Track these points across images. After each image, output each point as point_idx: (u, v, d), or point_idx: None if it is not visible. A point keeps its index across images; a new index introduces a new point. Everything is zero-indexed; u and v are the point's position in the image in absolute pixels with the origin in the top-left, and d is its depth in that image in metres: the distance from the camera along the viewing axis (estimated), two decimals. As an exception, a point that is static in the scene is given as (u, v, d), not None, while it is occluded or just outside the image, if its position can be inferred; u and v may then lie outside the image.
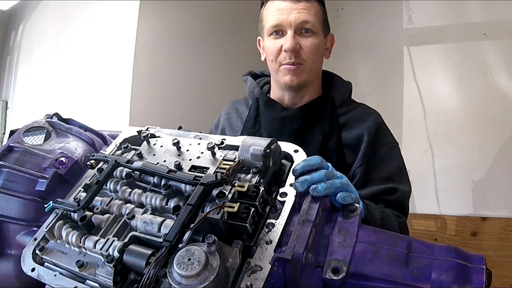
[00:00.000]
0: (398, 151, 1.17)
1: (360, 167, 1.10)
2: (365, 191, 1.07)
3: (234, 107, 1.35)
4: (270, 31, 1.15)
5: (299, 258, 0.59)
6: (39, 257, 0.72)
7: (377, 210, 0.94)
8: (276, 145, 0.74)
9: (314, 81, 1.21)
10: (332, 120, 1.16)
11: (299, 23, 1.10)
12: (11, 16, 2.54)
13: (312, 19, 1.12)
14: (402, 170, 1.14)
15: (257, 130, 1.22)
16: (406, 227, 1.07)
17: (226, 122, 1.33)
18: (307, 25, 1.11)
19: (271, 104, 1.23)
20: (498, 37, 2.33)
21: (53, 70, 2.27)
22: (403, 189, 1.09)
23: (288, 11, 1.11)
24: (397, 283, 0.60)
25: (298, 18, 1.10)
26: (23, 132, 0.89)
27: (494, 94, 2.32)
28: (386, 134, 1.18)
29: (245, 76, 1.36)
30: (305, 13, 1.11)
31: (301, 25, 1.11)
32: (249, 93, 1.33)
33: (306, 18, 1.11)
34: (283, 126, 1.18)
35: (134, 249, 0.62)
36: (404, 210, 1.08)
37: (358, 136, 1.13)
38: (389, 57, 2.67)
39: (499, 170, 2.25)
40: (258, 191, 0.65)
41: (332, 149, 1.13)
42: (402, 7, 2.61)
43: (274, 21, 1.13)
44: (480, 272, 0.58)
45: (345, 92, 1.25)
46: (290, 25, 1.10)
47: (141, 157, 0.78)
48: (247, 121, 1.27)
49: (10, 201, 0.80)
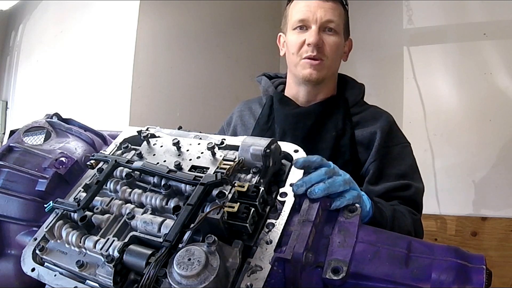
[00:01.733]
0: (410, 150, 1.19)
1: (374, 162, 1.11)
2: (379, 187, 1.07)
3: (248, 106, 1.36)
4: (295, 25, 1.18)
5: (299, 258, 0.59)
6: (39, 257, 0.72)
7: (388, 208, 0.94)
8: (276, 145, 0.74)
9: (330, 79, 1.23)
10: (345, 118, 1.18)
11: (325, 21, 1.14)
12: (11, 16, 2.54)
13: (337, 19, 1.16)
14: (415, 168, 1.15)
15: (270, 127, 1.24)
16: (421, 225, 1.07)
17: (239, 119, 1.34)
18: (331, 24, 1.15)
19: (286, 101, 1.25)
20: (498, 37, 2.33)
21: (53, 70, 2.27)
22: (417, 185, 1.10)
23: (315, 8, 1.14)
24: (397, 283, 0.60)
25: (325, 15, 1.14)
26: (23, 132, 0.89)
27: (494, 94, 2.32)
28: (398, 133, 1.20)
29: (260, 77, 1.38)
30: (331, 12, 1.15)
31: (326, 23, 1.15)
32: (263, 92, 1.35)
33: (332, 17, 1.15)
34: (297, 122, 1.19)
35: (134, 249, 0.62)
36: (418, 207, 1.09)
37: (371, 134, 1.14)
38: (389, 57, 2.67)
39: (499, 170, 2.25)
40: (258, 191, 0.65)
41: (345, 146, 1.14)
42: (402, 7, 2.61)
43: (300, 16, 1.16)
44: (480, 272, 0.58)
45: (358, 93, 1.27)
46: (315, 21, 1.14)
47: (141, 157, 0.78)
48: (260, 118, 1.28)
49: (10, 201, 0.80)
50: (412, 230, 1.00)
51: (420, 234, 1.05)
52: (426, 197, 1.12)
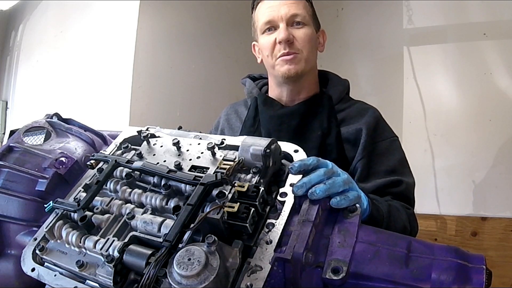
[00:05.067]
0: (399, 144, 1.18)
1: (361, 160, 1.10)
2: (369, 184, 1.07)
3: (234, 109, 1.37)
4: (264, 28, 1.19)
5: (299, 258, 0.59)
6: (39, 257, 0.72)
7: (384, 204, 0.94)
8: (276, 145, 0.74)
9: (310, 74, 1.22)
10: (330, 116, 1.17)
11: (290, 16, 1.15)
12: (11, 16, 2.54)
13: (302, 12, 1.16)
14: (404, 163, 1.15)
15: (256, 129, 1.24)
16: (415, 219, 1.06)
17: (226, 123, 1.34)
18: (297, 18, 1.16)
19: (269, 102, 1.25)
20: (498, 37, 2.33)
21: (53, 70, 2.27)
22: (407, 180, 1.10)
23: (278, 7, 1.16)
24: (397, 283, 0.60)
25: (289, 11, 1.15)
26: (23, 132, 0.89)
27: (494, 94, 2.31)
28: (385, 128, 1.19)
29: (244, 79, 1.38)
30: (294, 7, 1.16)
31: (292, 18, 1.15)
32: (247, 94, 1.35)
33: (296, 11, 1.15)
34: (281, 123, 1.19)
35: (134, 249, 0.62)
36: (410, 202, 1.09)
37: (357, 131, 1.14)
38: (389, 57, 2.67)
39: (499, 170, 2.25)
40: (258, 191, 0.65)
41: (331, 145, 1.14)
42: (402, 7, 2.61)
43: (266, 18, 1.17)
44: (480, 272, 0.58)
45: (342, 89, 1.26)
46: (281, 18, 1.15)
47: (141, 157, 0.78)
48: (246, 120, 1.28)
49: (10, 201, 0.80)
50: (408, 225, 1.00)
51: (415, 228, 1.05)
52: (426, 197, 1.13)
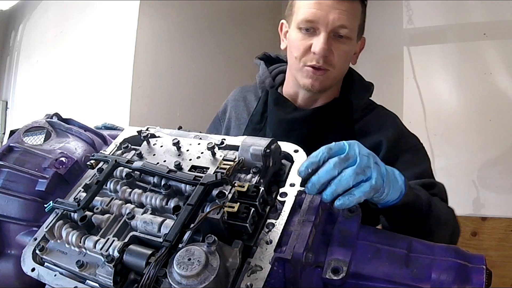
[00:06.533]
0: (424, 153, 1.08)
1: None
2: None
3: (242, 94, 1.25)
4: (301, 25, 1.00)
5: (299, 258, 0.59)
6: (39, 257, 0.72)
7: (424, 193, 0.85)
8: (276, 145, 0.73)
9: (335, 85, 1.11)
10: (346, 127, 1.07)
11: (337, 26, 0.98)
12: (11, 16, 2.54)
13: (351, 24, 0.99)
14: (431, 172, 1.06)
15: (263, 128, 1.13)
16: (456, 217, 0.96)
17: (233, 111, 1.23)
18: (343, 31, 0.99)
19: (282, 102, 1.12)
20: (498, 37, 2.33)
21: (53, 70, 2.28)
22: (440, 184, 1.00)
23: (328, 9, 0.97)
24: (397, 283, 0.60)
25: (338, 20, 0.97)
26: (23, 132, 0.89)
27: (494, 94, 2.32)
28: (409, 138, 1.09)
29: (258, 59, 1.22)
30: (345, 16, 0.97)
31: (337, 29, 0.98)
32: (259, 83, 1.20)
33: (345, 22, 0.98)
34: (291, 130, 1.07)
35: (134, 249, 0.62)
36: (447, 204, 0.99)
37: (375, 144, 1.03)
38: (389, 57, 2.67)
39: (499, 170, 2.25)
40: (258, 191, 0.65)
41: None
42: (402, 7, 2.62)
43: (309, 15, 0.98)
44: (480, 272, 0.58)
45: (365, 95, 1.14)
46: (326, 25, 0.97)
47: (141, 157, 0.78)
48: (253, 115, 1.17)
49: (10, 201, 0.80)
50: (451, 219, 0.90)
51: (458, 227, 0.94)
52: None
